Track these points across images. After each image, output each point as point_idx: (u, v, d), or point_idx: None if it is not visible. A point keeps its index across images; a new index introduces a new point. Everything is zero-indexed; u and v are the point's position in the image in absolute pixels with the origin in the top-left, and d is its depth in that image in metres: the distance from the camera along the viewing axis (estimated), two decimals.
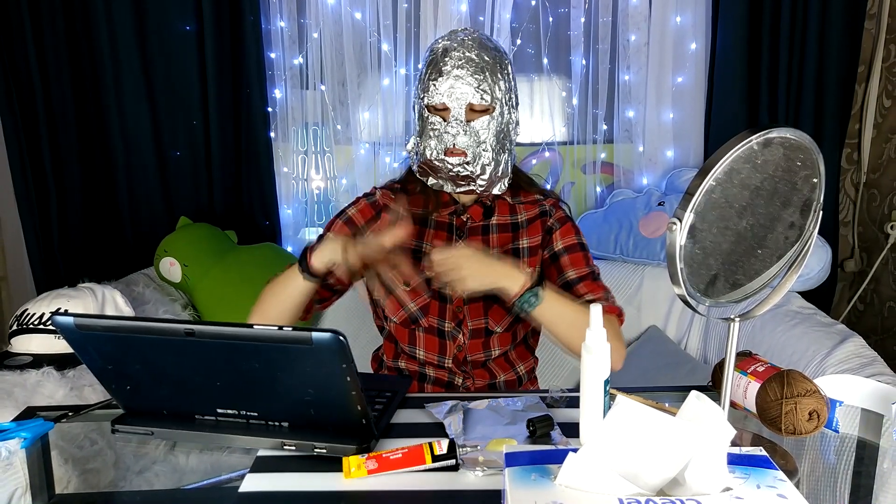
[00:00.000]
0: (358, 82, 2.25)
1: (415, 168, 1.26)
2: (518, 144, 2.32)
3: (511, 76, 1.21)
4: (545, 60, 2.25)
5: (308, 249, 1.12)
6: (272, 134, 2.28)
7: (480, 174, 1.18)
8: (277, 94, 2.26)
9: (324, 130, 2.30)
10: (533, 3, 2.22)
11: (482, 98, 1.14)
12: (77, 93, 2.18)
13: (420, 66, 1.22)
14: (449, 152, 1.16)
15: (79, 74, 2.18)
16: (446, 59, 1.15)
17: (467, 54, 1.15)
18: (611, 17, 2.21)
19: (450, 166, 1.17)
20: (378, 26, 2.20)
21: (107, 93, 2.18)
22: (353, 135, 2.29)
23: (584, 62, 2.24)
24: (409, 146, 1.26)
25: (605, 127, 2.30)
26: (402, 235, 1.08)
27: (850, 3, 2.11)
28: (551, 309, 1.10)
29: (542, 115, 2.32)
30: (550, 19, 2.23)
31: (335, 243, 1.09)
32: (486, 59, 1.16)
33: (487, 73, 1.15)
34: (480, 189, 1.20)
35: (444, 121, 1.16)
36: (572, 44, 2.23)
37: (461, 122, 1.15)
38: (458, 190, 1.21)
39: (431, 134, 1.17)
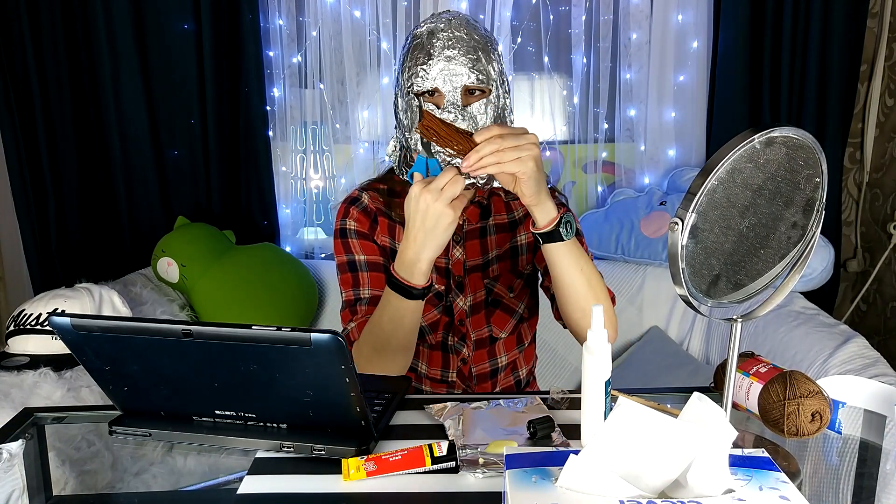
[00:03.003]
0: (357, 81, 2.24)
1: (399, 170, 1.16)
2: None
3: (501, 59, 1.12)
4: (546, 59, 2.24)
5: (393, 275, 1.02)
6: (270, 133, 2.27)
7: None
8: (276, 92, 2.26)
9: (322, 129, 2.30)
10: (533, 1, 2.21)
11: (478, 78, 1.05)
12: (75, 92, 2.18)
13: (402, 53, 1.12)
14: None
15: (77, 73, 2.17)
16: (434, 40, 1.05)
17: (456, 33, 1.05)
18: (612, 16, 2.21)
19: (447, 157, 1.07)
20: (377, 24, 2.19)
21: (105, 92, 2.17)
22: (352, 134, 2.28)
23: (584, 61, 2.24)
24: (389, 150, 1.17)
25: (606, 126, 2.30)
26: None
27: (853, 2, 2.10)
28: (578, 248, 1.04)
29: (542, 114, 2.31)
30: (551, 17, 2.22)
31: (429, 239, 0.97)
32: (476, 38, 1.06)
33: (480, 53, 1.05)
34: (481, 181, 1.09)
35: (438, 107, 1.05)
36: (573, 42, 2.23)
37: (458, 106, 1.04)
38: None
39: None
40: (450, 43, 1.05)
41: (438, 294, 1.19)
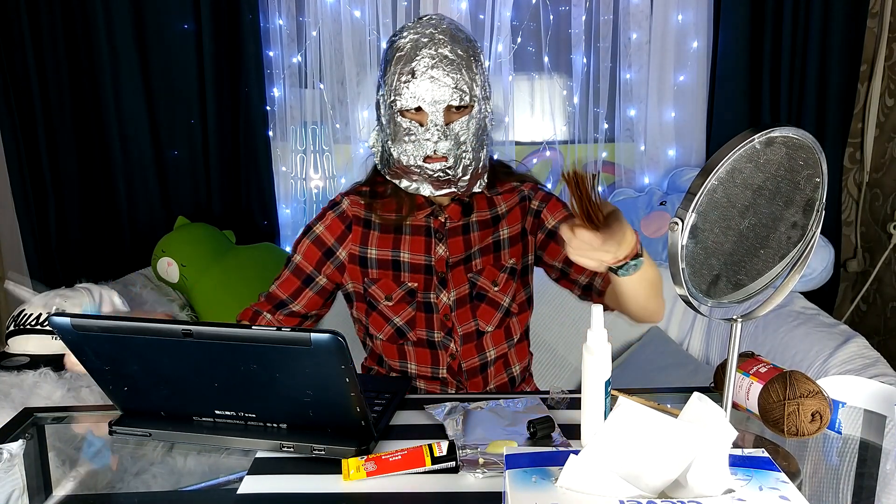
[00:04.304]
0: (357, 81, 2.24)
1: (382, 168, 1.18)
2: (518, 143, 2.33)
3: (483, 65, 1.13)
4: (546, 59, 2.24)
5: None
6: (271, 133, 2.27)
7: (462, 176, 1.12)
8: (276, 92, 2.26)
9: (322, 129, 2.29)
10: (533, 1, 2.21)
11: (461, 99, 1.07)
12: (75, 92, 2.18)
13: (383, 57, 1.12)
14: (429, 159, 1.09)
15: (77, 73, 2.17)
16: (417, 56, 1.06)
17: (441, 51, 1.06)
18: (612, 16, 2.21)
19: (430, 172, 1.10)
20: (377, 24, 2.19)
21: (105, 92, 2.17)
22: (352, 134, 2.28)
23: (584, 60, 2.24)
24: (371, 141, 1.18)
25: (606, 126, 2.30)
26: None
27: (853, 2, 2.11)
28: (643, 274, 0.97)
29: (542, 114, 2.31)
30: (551, 17, 2.22)
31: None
32: (461, 53, 1.07)
33: (464, 70, 1.07)
34: (462, 190, 1.14)
35: (421, 125, 1.08)
36: (573, 42, 2.23)
37: (440, 126, 1.07)
38: (437, 193, 1.13)
39: (407, 139, 1.09)
40: (433, 62, 1.06)
41: (411, 291, 1.19)
